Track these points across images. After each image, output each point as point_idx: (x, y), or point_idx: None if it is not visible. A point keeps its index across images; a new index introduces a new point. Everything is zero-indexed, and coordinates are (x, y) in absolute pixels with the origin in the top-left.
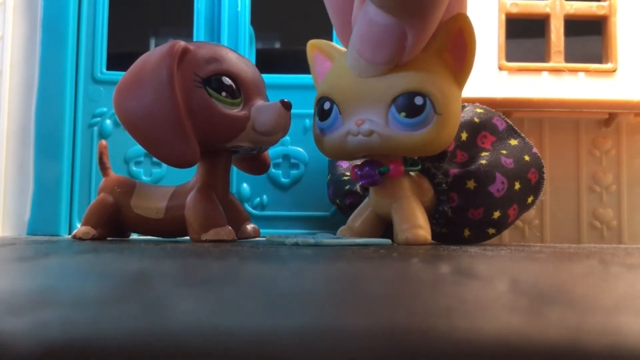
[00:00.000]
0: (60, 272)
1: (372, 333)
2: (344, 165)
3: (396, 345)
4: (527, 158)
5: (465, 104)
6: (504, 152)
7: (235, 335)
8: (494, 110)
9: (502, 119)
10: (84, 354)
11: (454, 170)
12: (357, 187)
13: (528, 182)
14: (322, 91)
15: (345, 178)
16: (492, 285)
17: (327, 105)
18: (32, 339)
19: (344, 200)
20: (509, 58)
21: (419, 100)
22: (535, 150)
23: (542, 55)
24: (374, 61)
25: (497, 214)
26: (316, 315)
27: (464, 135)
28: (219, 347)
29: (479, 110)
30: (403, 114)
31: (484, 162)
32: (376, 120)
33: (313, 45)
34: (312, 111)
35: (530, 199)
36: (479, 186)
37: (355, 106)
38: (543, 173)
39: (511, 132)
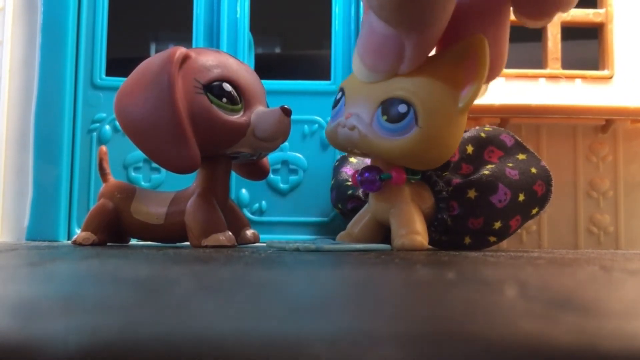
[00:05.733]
0: (76, 278)
1: (396, 338)
2: (348, 171)
3: (421, 350)
4: (534, 170)
5: (477, 127)
6: (510, 164)
7: (265, 341)
8: (501, 128)
9: (511, 135)
10: (114, 358)
11: (456, 181)
12: (360, 192)
13: (534, 194)
14: (342, 82)
15: (349, 183)
16: (502, 290)
17: (338, 96)
18: (65, 344)
19: (346, 205)
20: (507, 64)
21: (402, 108)
22: (543, 163)
23: (539, 60)
24: (374, 68)
25: (497, 224)
26: (339, 320)
27: (470, 149)
28: (248, 352)
29: (486, 128)
30: (385, 117)
31: (486, 172)
32: (363, 118)
33: None
34: (310, 117)
35: (535, 211)
36: (479, 196)
37: (355, 101)
38: (550, 185)
39: (520, 147)
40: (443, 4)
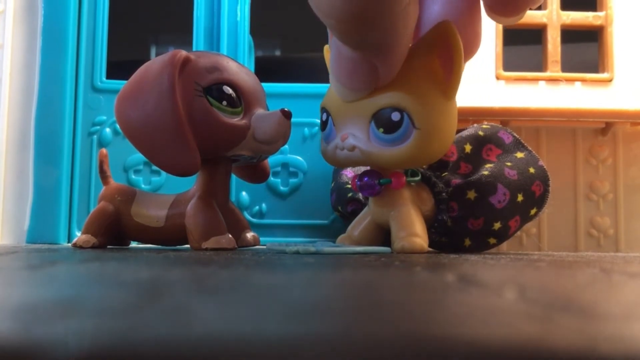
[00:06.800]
0: (76, 281)
1: (396, 341)
2: (348, 174)
3: (421, 352)
4: (532, 170)
5: (475, 124)
6: (508, 164)
7: (263, 343)
8: (499, 125)
9: (509, 133)
10: None
11: (455, 181)
12: (359, 195)
13: (532, 195)
14: (322, 102)
15: (349, 186)
16: (502, 293)
17: (324, 117)
18: (65, 347)
19: (345, 208)
20: (507, 67)
21: (395, 116)
22: (541, 163)
23: (538, 62)
24: (353, 88)
25: (497, 225)
26: (339, 323)
27: (468, 148)
28: (249, 354)
29: (484, 126)
30: (381, 129)
31: (486, 172)
32: (359, 136)
33: (328, 51)
34: (311, 120)
35: (533, 211)
36: (479, 197)
37: (344, 120)
38: (548, 186)
39: (518, 145)
40: (404, 21)
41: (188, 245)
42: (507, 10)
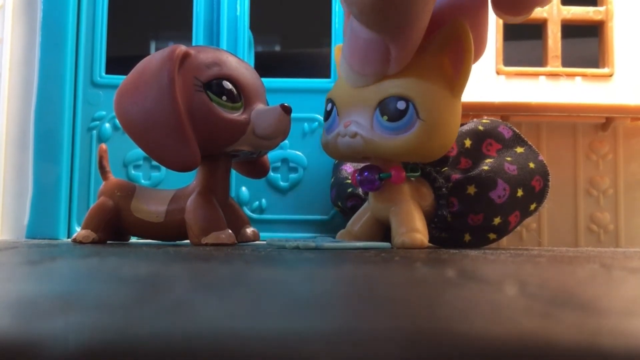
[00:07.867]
0: (76, 276)
1: (396, 336)
2: (348, 169)
3: (421, 348)
4: (532, 165)
5: (475, 119)
6: (508, 159)
7: (264, 339)
8: (499, 120)
9: (509, 127)
10: (114, 356)
11: (455, 176)
12: (359, 190)
13: (532, 190)
14: (329, 94)
15: (348, 181)
16: (502, 288)
17: (329, 107)
18: (65, 343)
19: (345, 203)
20: (507, 62)
21: (401, 105)
22: (541, 157)
23: (539, 57)
24: (363, 73)
25: (497, 220)
26: (339, 318)
27: (468, 143)
28: (248, 350)
29: (484, 121)
30: (385, 117)
31: (486, 167)
32: (362, 123)
33: (339, 48)
34: (310, 115)
35: (533, 206)
36: (479, 192)
37: (349, 109)
38: (548, 181)
39: (518, 140)
40: (423, 4)
41: (188, 241)
42: (516, 9)
